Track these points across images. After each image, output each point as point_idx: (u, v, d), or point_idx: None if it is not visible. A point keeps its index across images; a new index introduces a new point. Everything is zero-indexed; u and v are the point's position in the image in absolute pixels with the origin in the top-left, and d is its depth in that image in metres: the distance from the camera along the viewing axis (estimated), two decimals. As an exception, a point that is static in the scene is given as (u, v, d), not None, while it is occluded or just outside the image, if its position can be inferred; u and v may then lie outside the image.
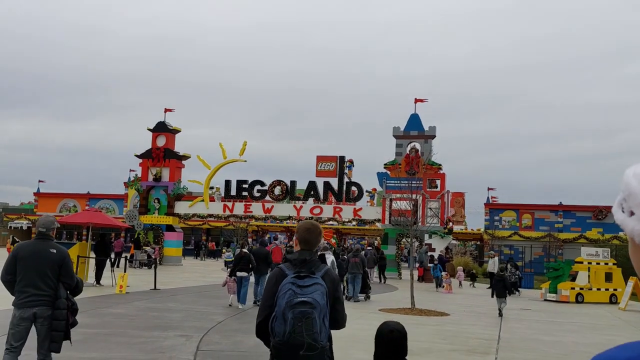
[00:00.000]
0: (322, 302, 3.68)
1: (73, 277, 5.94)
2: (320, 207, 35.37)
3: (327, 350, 3.73)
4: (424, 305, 17.26)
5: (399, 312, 15.51)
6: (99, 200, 61.64)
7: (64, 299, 5.76)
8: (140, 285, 20.48)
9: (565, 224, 49.99)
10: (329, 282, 3.81)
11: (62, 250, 5.95)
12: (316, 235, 4.00)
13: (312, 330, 3.59)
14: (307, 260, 3.84)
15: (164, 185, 37.56)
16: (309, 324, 3.60)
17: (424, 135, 33.80)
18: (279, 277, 3.81)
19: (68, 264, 5.91)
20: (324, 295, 3.70)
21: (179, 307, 14.75)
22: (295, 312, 3.61)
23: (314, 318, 3.60)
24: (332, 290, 3.83)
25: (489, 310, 17.81)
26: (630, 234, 1.07)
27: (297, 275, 3.76)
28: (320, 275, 3.79)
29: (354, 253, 20.01)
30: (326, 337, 3.72)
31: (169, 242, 36.61)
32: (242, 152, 36.83)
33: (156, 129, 38.21)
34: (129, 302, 15.53)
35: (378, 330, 3.74)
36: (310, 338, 3.59)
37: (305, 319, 3.60)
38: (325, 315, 3.71)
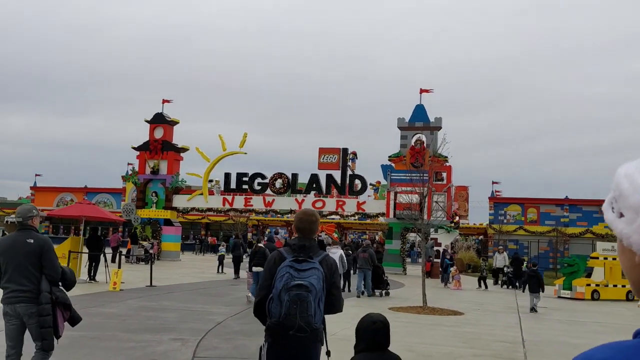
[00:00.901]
0: (318, 286, 3.78)
1: (56, 268, 5.38)
2: (323, 201, 34.36)
3: (320, 333, 3.84)
4: (434, 302, 16.31)
5: (410, 311, 14.54)
6: (97, 194, 60.75)
7: (46, 292, 5.26)
8: (135, 282, 19.53)
9: (572, 219, 48.97)
10: (326, 268, 3.92)
11: (40, 239, 5.39)
12: (312, 222, 4.12)
13: (306, 313, 3.70)
14: (305, 245, 3.97)
15: (162, 178, 36.52)
16: (304, 306, 3.70)
17: (430, 127, 32.79)
18: (278, 259, 3.92)
19: (48, 253, 5.35)
20: (320, 280, 3.80)
21: (175, 306, 13.77)
22: (291, 294, 3.70)
23: (309, 301, 3.70)
24: (329, 275, 3.93)
25: (504, 308, 16.86)
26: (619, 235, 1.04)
27: (296, 259, 3.87)
28: (318, 260, 3.90)
29: (363, 248, 19.44)
30: (320, 320, 3.82)
31: (167, 236, 35.61)
32: (242, 144, 35.79)
33: (154, 121, 37.15)
34: (121, 300, 14.55)
35: (360, 322, 3.73)
36: (304, 320, 3.70)
37: (300, 302, 3.70)
38: (321, 299, 3.81)
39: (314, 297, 3.75)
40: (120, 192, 55.67)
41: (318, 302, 3.80)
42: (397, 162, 33.05)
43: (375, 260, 19.01)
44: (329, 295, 3.94)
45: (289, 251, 4.00)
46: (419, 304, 16.27)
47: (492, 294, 22.07)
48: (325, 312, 3.96)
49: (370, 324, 3.72)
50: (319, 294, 3.80)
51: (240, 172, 35.52)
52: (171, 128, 37.48)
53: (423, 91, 33.08)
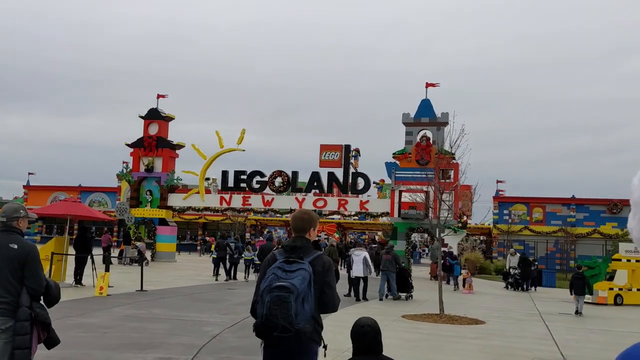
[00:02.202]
0: (302, 287, 3.79)
1: (39, 280, 4.63)
2: (324, 200, 32.95)
3: (305, 333, 3.80)
4: (448, 308, 14.96)
5: (426, 320, 13.16)
6: (91, 194, 59.37)
7: (25, 307, 4.52)
8: (126, 285, 18.15)
9: (578, 218, 47.69)
10: (319, 267, 3.94)
11: (25, 246, 4.66)
12: (304, 220, 4.16)
13: (287, 314, 3.72)
14: (297, 246, 4.02)
15: (157, 176, 35.09)
16: (284, 307, 3.72)
17: (436, 122, 31.39)
18: (271, 261, 4.02)
19: (33, 263, 4.62)
20: (305, 280, 3.82)
21: (165, 315, 12.36)
22: (272, 295, 3.75)
23: (289, 302, 3.73)
24: (322, 274, 3.94)
25: (526, 315, 15.50)
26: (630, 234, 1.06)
27: (286, 260, 3.94)
28: (308, 261, 3.93)
29: (386, 250, 18.83)
30: (305, 320, 3.78)
31: (162, 236, 34.19)
32: (240, 141, 34.38)
33: (148, 116, 35.71)
34: (107, 307, 13.14)
35: (352, 326, 3.83)
36: (285, 321, 3.72)
37: (281, 303, 3.73)
38: (305, 299, 3.80)
39: (295, 297, 3.76)
40: (116, 191, 54.26)
41: (302, 303, 3.80)
42: (401, 160, 31.67)
43: (400, 263, 18.54)
44: (321, 295, 3.94)
45: (282, 253, 4.06)
46: (432, 309, 14.93)
47: (507, 298, 20.71)
48: (320, 312, 3.99)
49: (358, 328, 3.77)
50: (302, 295, 3.80)
51: (238, 169, 34.13)
52: (166, 124, 36.04)
53: (429, 85, 31.69)
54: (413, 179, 31.30)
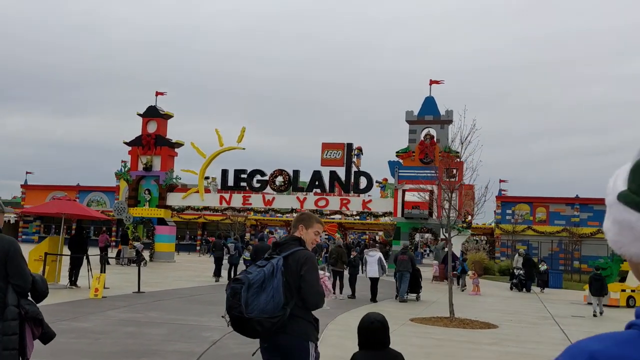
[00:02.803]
0: (256, 278, 3.91)
1: (24, 276, 4.37)
2: (326, 199, 32.33)
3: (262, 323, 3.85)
4: (457, 311, 14.36)
5: (436, 324, 12.55)
6: (90, 193, 58.82)
7: (12, 306, 4.25)
8: (123, 287, 17.54)
9: (582, 218, 47.10)
10: (292, 261, 4.00)
11: (5, 241, 4.38)
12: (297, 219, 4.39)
13: (237, 304, 3.88)
14: (279, 243, 4.23)
15: (155, 175, 34.46)
16: (236, 299, 3.89)
17: (440, 120, 30.84)
18: None
19: (15, 258, 4.36)
20: (262, 272, 3.94)
21: (162, 318, 11.74)
22: (230, 288, 3.98)
23: (239, 293, 3.89)
24: (296, 269, 3.99)
25: (538, 318, 14.90)
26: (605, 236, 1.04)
27: (267, 256, 4.11)
28: (283, 255, 4.03)
29: (402, 250, 18.58)
30: (259, 310, 3.85)
31: (160, 236, 33.57)
32: (241, 139, 33.75)
33: (146, 114, 35.10)
34: (102, 310, 12.52)
35: (360, 322, 3.91)
36: (236, 311, 3.88)
37: (234, 294, 3.91)
38: (263, 289, 3.90)
39: (247, 287, 3.89)
40: (114, 190, 53.62)
41: (257, 294, 3.89)
42: (405, 158, 31.08)
43: (415, 264, 18.43)
44: (298, 290, 4.01)
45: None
46: (440, 312, 14.34)
47: (515, 300, 20.11)
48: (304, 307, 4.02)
49: (368, 324, 3.85)
50: (255, 285, 3.91)
51: (239, 168, 33.52)
52: (165, 122, 35.42)
53: (433, 82, 31.11)
54: (417, 177, 30.74)
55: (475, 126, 13.63)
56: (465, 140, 13.69)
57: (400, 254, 18.41)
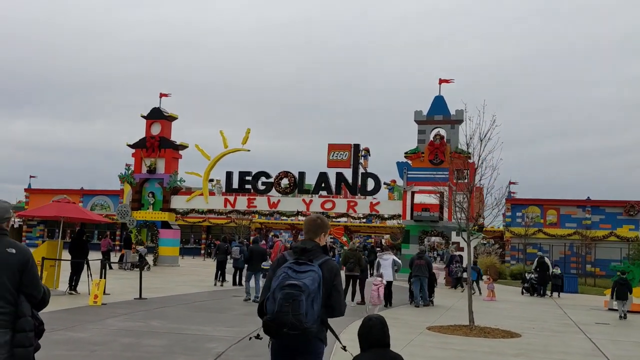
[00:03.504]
0: (312, 287, 3.90)
1: (39, 286, 4.31)
2: (333, 201, 31.60)
3: (312, 332, 3.92)
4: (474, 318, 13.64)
5: (455, 332, 11.79)
6: (94, 197, 58.36)
7: (29, 317, 4.15)
8: (124, 293, 16.86)
9: (594, 221, 46.22)
10: (327, 271, 4.05)
11: (24, 250, 4.31)
12: (319, 226, 4.32)
13: (297, 312, 3.81)
14: (307, 249, 4.14)
15: (159, 178, 33.83)
16: (295, 305, 3.82)
17: (450, 120, 30.11)
18: (280, 262, 4.14)
19: (32, 268, 4.29)
20: (315, 282, 3.93)
21: (164, 328, 11.03)
22: (284, 292, 3.85)
23: (300, 300, 3.83)
24: (329, 278, 4.05)
25: (561, 325, 14.13)
26: None
27: (296, 261, 4.06)
28: (317, 264, 4.05)
29: (418, 255, 18.16)
30: (313, 320, 3.89)
31: (164, 240, 32.93)
32: (245, 141, 33.09)
33: (150, 116, 34.48)
34: (100, 319, 11.82)
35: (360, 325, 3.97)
36: (295, 318, 3.81)
37: (293, 300, 3.82)
38: (315, 299, 3.90)
39: (307, 296, 3.86)
40: (118, 194, 53.09)
41: (312, 303, 3.90)
42: (414, 159, 30.37)
43: (432, 268, 18.21)
44: (329, 298, 4.04)
45: (291, 254, 4.17)
46: (457, 319, 13.61)
47: (533, 306, 19.32)
48: (327, 315, 4.08)
49: (366, 321, 3.96)
50: (313, 295, 3.90)
51: (243, 170, 32.84)
52: (169, 124, 34.80)
53: (443, 81, 30.40)
54: (426, 179, 30.00)
55: (495, 122, 12.87)
56: (484, 137, 12.92)
57: (417, 258, 17.94)
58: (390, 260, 17.29)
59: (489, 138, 12.85)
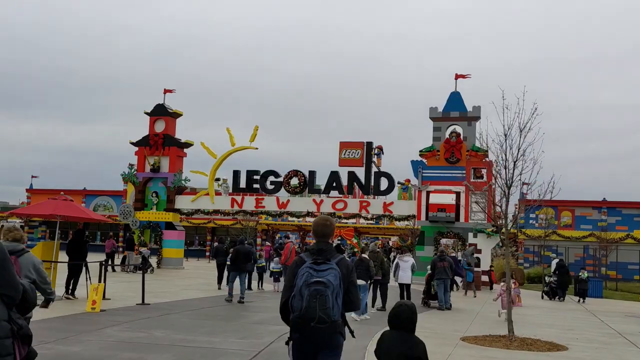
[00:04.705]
0: (335, 283, 4.18)
1: (15, 285, 3.65)
2: (344, 202, 30.32)
3: (338, 326, 4.21)
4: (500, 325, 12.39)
5: (494, 344, 10.52)
6: (96, 197, 57.20)
7: (3, 321, 3.54)
8: (126, 297, 15.70)
9: (610, 222, 44.79)
10: (344, 268, 4.33)
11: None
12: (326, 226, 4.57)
13: (324, 306, 4.08)
14: (323, 249, 4.38)
15: (163, 177, 32.63)
16: (322, 300, 4.08)
17: (467, 117, 28.84)
18: (299, 263, 4.36)
19: (4, 264, 3.61)
20: (337, 278, 4.21)
21: (169, 339, 9.80)
22: (311, 289, 4.11)
23: (327, 295, 4.10)
24: (347, 275, 4.33)
25: (604, 335, 12.85)
26: None
27: (315, 261, 4.29)
28: (335, 262, 4.32)
29: (440, 257, 17.52)
30: (338, 313, 4.19)
31: (168, 242, 31.72)
32: (253, 139, 31.88)
33: (154, 113, 33.30)
34: (98, 328, 10.61)
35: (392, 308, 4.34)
36: (323, 312, 4.08)
37: (319, 296, 4.09)
38: (338, 294, 4.20)
39: (332, 292, 4.12)
40: (121, 194, 51.94)
41: (335, 297, 4.15)
42: (429, 158, 29.08)
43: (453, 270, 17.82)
44: (347, 293, 4.30)
45: (308, 255, 4.38)
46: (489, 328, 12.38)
47: (562, 312, 18.05)
48: (345, 310, 4.32)
49: (396, 307, 4.30)
50: (336, 290, 4.17)
51: (251, 169, 31.62)
52: (174, 121, 33.61)
53: (459, 77, 29.14)
54: (442, 178, 28.77)
55: (536, 110, 11.60)
56: (524, 127, 11.65)
57: (439, 260, 17.43)
58: (410, 263, 17.08)
59: (530, 128, 11.56)
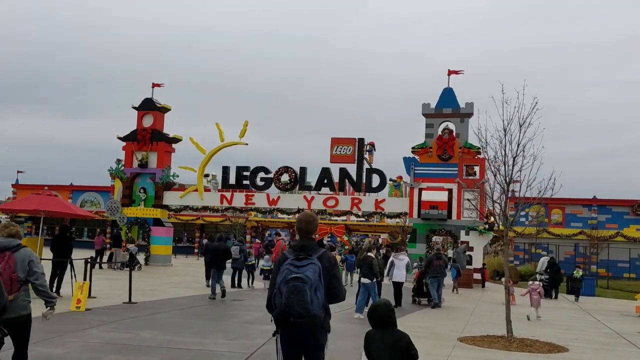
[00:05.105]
0: (314, 278, 4.29)
1: None
2: (336, 199, 29.96)
3: (319, 319, 4.32)
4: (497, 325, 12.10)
5: (493, 345, 10.21)
6: (84, 193, 56.50)
7: None
8: (112, 296, 15.26)
9: (600, 220, 44.83)
10: (326, 262, 4.47)
11: None
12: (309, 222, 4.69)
13: (303, 301, 4.20)
14: (305, 245, 4.52)
15: (151, 172, 32.08)
16: (300, 296, 4.21)
17: (459, 114, 28.57)
18: (282, 260, 4.50)
19: None
20: (315, 273, 4.33)
21: (156, 340, 9.39)
22: (289, 286, 4.25)
23: (304, 291, 4.22)
24: (329, 268, 4.47)
25: (605, 337, 12.59)
26: None
27: (296, 257, 4.41)
28: (316, 257, 4.43)
29: (436, 255, 17.48)
30: (319, 307, 4.30)
31: (156, 238, 31.19)
32: (243, 134, 31.39)
33: (142, 107, 32.71)
34: (82, 328, 10.18)
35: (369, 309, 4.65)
36: (301, 308, 4.20)
37: (297, 292, 4.21)
38: (318, 289, 4.31)
39: (310, 287, 4.23)
40: (109, 190, 51.28)
41: (315, 292, 4.26)
42: (421, 154, 28.79)
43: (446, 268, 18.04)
44: (330, 287, 4.43)
45: (291, 252, 4.51)
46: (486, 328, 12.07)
47: (556, 312, 17.85)
48: (329, 302, 4.47)
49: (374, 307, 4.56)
50: (315, 285, 4.28)
51: (241, 165, 31.18)
52: (162, 115, 33.05)
53: (452, 72, 28.85)
54: (434, 175, 28.48)
55: (537, 104, 11.27)
56: (524, 122, 11.33)
57: (436, 258, 17.42)
58: (405, 262, 16.86)
59: (530, 123, 11.25)
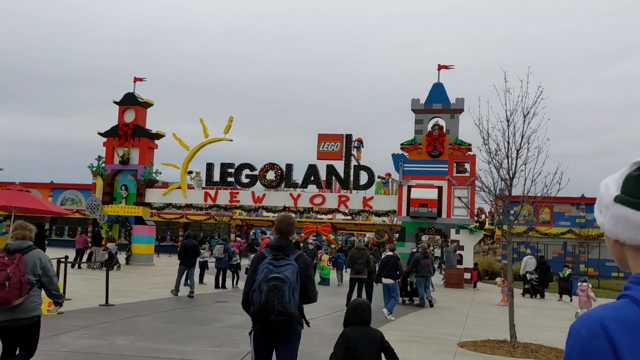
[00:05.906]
0: (292, 278, 4.56)
1: None
2: (323, 196, 29.24)
3: (296, 317, 4.61)
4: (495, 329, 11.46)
5: (497, 351, 9.55)
6: (64, 191, 55.17)
7: None
8: (88, 297, 14.38)
9: (589, 219, 44.54)
10: (302, 263, 4.72)
11: None
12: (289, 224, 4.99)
13: (282, 300, 4.47)
14: (283, 245, 4.75)
15: (133, 169, 31.10)
16: (280, 295, 4.46)
17: (450, 109, 27.97)
18: (260, 259, 4.72)
19: None
20: (294, 273, 4.58)
21: (133, 348, 8.58)
22: (269, 285, 4.47)
23: (284, 290, 4.48)
24: (305, 269, 4.74)
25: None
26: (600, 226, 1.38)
27: (275, 257, 4.64)
28: (293, 258, 4.68)
29: (423, 254, 17.22)
30: (295, 306, 4.58)
31: (138, 237, 30.23)
32: (228, 130, 30.56)
33: (124, 102, 31.73)
34: (53, 334, 9.33)
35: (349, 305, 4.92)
36: (281, 306, 4.46)
37: (277, 291, 4.46)
38: (295, 289, 4.58)
39: (288, 286, 4.49)
40: (90, 188, 50.09)
41: (292, 292, 4.52)
42: (411, 151, 28.15)
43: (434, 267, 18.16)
44: (304, 287, 4.69)
45: (269, 251, 4.72)
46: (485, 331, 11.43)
47: (553, 312, 17.29)
48: (303, 302, 4.78)
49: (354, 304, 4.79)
50: (293, 285, 4.54)
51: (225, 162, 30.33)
52: (144, 110, 32.07)
53: (442, 67, 28.23)
54: (424, 172, 27.87)
55: (542, 94, 10.61)
56: (528, 112, 10.67)
57: (423, 257, 17.27)
58: None
59: (534, 113, 10.59)
